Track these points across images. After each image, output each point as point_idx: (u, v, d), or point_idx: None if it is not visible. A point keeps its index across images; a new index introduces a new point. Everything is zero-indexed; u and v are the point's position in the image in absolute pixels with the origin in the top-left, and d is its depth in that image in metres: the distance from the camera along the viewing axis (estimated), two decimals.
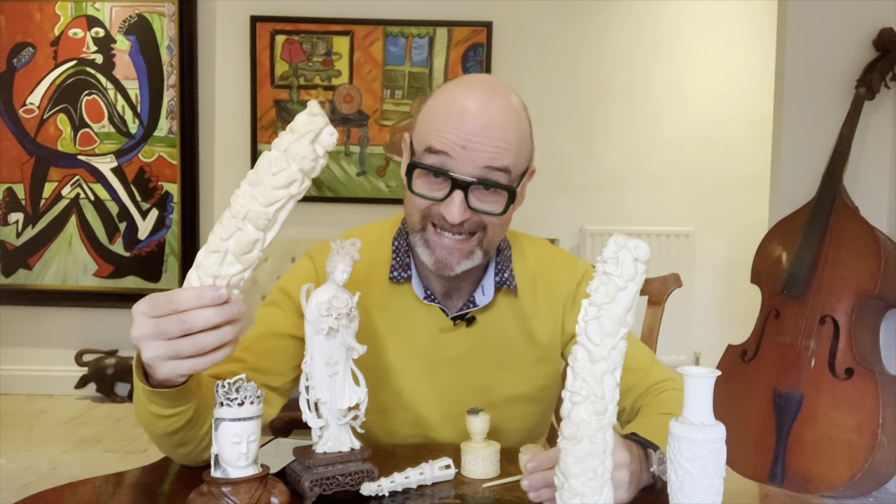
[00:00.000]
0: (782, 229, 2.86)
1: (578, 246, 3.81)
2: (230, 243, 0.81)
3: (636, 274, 0.77)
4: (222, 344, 0.81)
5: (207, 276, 0.81)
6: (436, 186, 1.05)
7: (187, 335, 0.80)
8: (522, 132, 1.08)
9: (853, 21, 2.86)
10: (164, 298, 0.80)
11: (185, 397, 0.90)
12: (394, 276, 1.15)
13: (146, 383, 0.87)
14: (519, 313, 1.18)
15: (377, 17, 3.77)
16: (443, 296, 1.16)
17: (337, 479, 0.92)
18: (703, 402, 0.79)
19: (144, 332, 0.80)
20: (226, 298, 0.80)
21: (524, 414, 1.20)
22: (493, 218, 1.06)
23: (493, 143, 1.03)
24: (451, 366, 1.16)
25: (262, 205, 0.81)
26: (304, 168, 0.81)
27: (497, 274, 1.17)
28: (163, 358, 0.81)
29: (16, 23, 3.76)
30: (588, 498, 0.77)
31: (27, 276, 3.83)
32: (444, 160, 1.03)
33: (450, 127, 1.03)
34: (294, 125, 0.81)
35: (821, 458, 2.58)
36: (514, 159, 1.05)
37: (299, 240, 3.44)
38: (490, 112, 1.03)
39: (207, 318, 0.79)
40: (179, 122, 3.78)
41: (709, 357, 3.74)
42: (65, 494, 0.98)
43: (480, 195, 1.05)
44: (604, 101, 3.87)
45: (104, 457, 3.06)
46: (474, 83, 1.08)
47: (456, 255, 1.07)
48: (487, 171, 1.03)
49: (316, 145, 0.82)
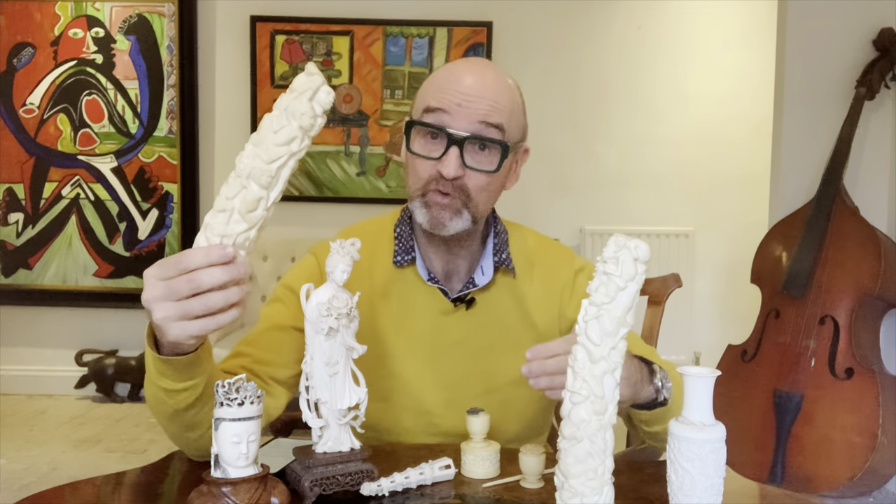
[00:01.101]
0: (782, 229, 2.86)
1: (578, 246, 3.81)
2: (235, 202, 0.85)
3: (636, 274, 0.78)
4: (229, 304, 0.83)
5: (215, 236, 0.85)
6: (432, 146, 1.11)
7: (196, 295, 0.82)
8: (515, 103, 1.14)
9: (853, 21, 2.86)
10: (173, 260, 0.83)
11: (194, 368, 0.91)
12: (398, 259, 1.18)
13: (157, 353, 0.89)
14: (517, 295, 1.21)
15: (377, 17, 3.77)
16: (444, 277, 1.19)
17: (337, 479, 0.92)
18: (703, 402, 0.79)
19: (155, 294, 0.83)
20: (232, 256, 0.83)
21: (526, 399, 1.19)
22: (481, 179, 1.10)
23: (488, 102, 1.09)
24: (453, 349, 1.18)
25: (265, 162, 0.85)
26: (303, 125, 0.85)
27: (496, 254, 1.20)
28: (173, 318, 0.83)
29: (16, 23, 3.76)
30: (588, 498, 0.77)
31: (27, 276, 3.83)
32: (441, 117, 1.09)
33: (446, 89, 1.10)
34: (293, 85, 0.86)
35: (821, 458, 2.58)
36: (507, 119, 1.11)
37: (299, 240, 3.45)
38: (485, 79, 1.11)
39: (215, 277, 0.82)
40: (179, 122, 3.78)
41: (709, 357, 3.74)
42: (65, 494, 0.98)
43: (474, 153, 1.10)
44: (604, 101, 3.88)
45: (104, 457, 3.06)
46: (471, 60, 1.18)
47: (447, 212, 1.10)
48: (482, 127, 1.09)
49: (314, 103, 0.86)
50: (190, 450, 1.04)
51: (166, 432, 1.02)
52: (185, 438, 1.01)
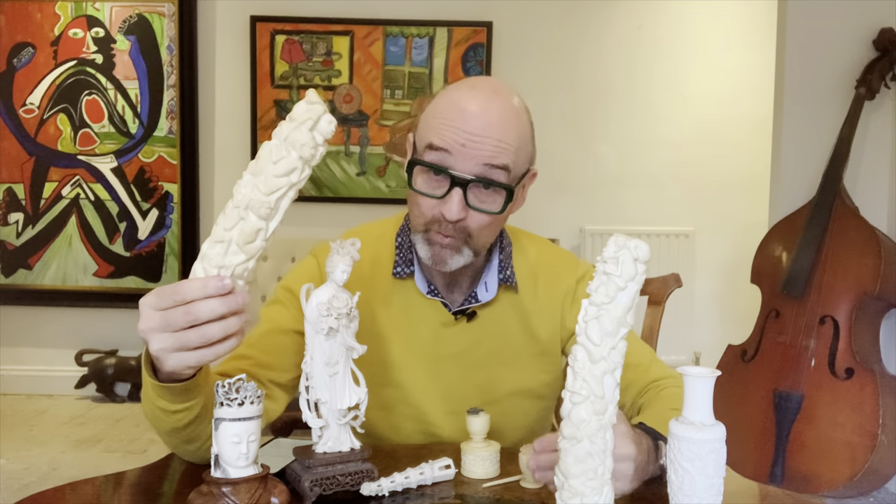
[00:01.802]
0: (782, 229, 2.86)
1: (578, 246, 3.81)
2: (233, 233, 0.82)
3: (636, 274, 0.77)
4: (227, 335, 0.82)
5: (212, 267, 0.82)
6: (436, 184, 1.07)
7: (193, 326, 0.80)
8: (523, 134, 1.09)
9: (853, 21, 2.86)
10: (169, 290, 0.81)
11: (192, 392, 0.90)
12: (397, 271, 1.17)
13: (154, 378, 0.87)
14: (519, 309, 1.20)
15: (377, 17, 3.77)
16: (445, 290, 1.18)
17: (337, 479, 0.92)
18: (703, 402, 0.79)
19: (151, 325, 0.81)
20: (230, 288, 0.81)
21: (526, 409, 1.21)
22: (484, 218, 1.07)
23: (493, 143, 1.04)
24: (453, 361, 1.18)
25: (264, 193, 0.82)
26: (303, 156, 0.82)
27: (500, 271, 1.18)
28: (170, 350, 0.81)
29: (16, 23, 3.76)
30: (588, 498, 0.77)
31: (27, 276, 3.83)
32: (444, 157, 1.05)
33: (450, 126, 1.04)
34: (293, 114, 0.83)
35: (821, 458, 2.58)
36: (513, 159, 1.07)
37: (299, 240, 3.44)
38: (490, 113, 1.05)
39: (213, 309, 0.80)
40: (179, 122, 3.78)
41: (709, 357, 3.74)
42: (65, 494, 0.98)
43: (479, 194, 1.06)
44: (604, 101, 3.87)
45: (104, 457, 3.06)
46: (477, 85, 1.10)
47: (448, 252, 1.08)
48: (487, 169, 1.05)
49: (315, 133, 0.83)
50: (189, 458, 1.04)
51: (165, 444, 1.02)
52: (183, 449, 1.01)
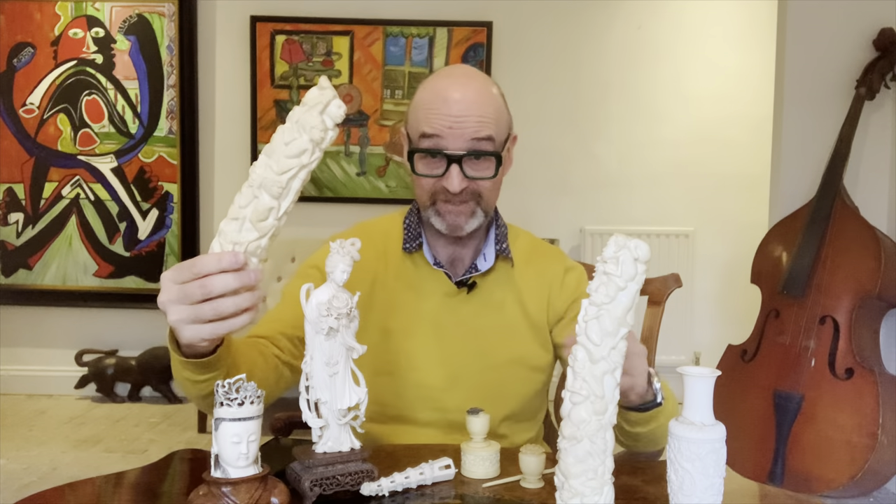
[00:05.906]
0: (782, 229, 2.86)
1: (578, 246, 3.82)
2: (247, 211, 0.87)
3: (636, 274, 0.78)
4: (240, 310, 0.86)
5: (227, 243, 0.87)
6: (434, 165, 1.22)
7: (208, 300, 0.85)
8: (499, 107, 1.24)
9: (853, 21, 2.86)
10: (188, 264, 0.87)
11: (213, 366, 0.95)
12: (406, 246, 1.29)
13: (179, 353, 0.93)
14: (514, 284, 1.31)
15: (377, 17, 3.77)
16: (448, 263, 1.30)
17: (337, 479, 0.92)
18: (703, 402, 0.79)
19: (170, 297, 0.87)
20: (243, 263, 0.86)
21: (523, 379, 1.29)
22: (486, 182, 1.22)
23: (475, 120, 1.19)
24: (455, 329, 1.27)
25: (276, 173, 0.87)
26: (314, 138, 0.87)
27: (497, 243, 1.31)
28: (186, 322, 0.86)
29: (16, 23, 3.76)
30: (588, 498, 0.77)
31: (27, 276, 3.83)
32: (437, 141, 1.19)
33: (437, 113, 1.19)
34: (305, 98, 0.89)
35: (821, 458, 2.58)
36: (495, 129, 1.21)
37: (299, 240, 3.44)
38: (468, 96, 1.20)
39: (226, 283, 0.85)
40: (179, 122, 3.78)
41: (709, 357, 3.74)
42: (65, 494, 0.98)
43: (473, 165, 1.20)
44: (604, 102, 3.87)
45: (104, 457, 3.06)
46: (452, 74, 1.27)
47: (462, 217, 1.22)
48: (475, 143, 1.19)
49: (325, 116, 0.88)
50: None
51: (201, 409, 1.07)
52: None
